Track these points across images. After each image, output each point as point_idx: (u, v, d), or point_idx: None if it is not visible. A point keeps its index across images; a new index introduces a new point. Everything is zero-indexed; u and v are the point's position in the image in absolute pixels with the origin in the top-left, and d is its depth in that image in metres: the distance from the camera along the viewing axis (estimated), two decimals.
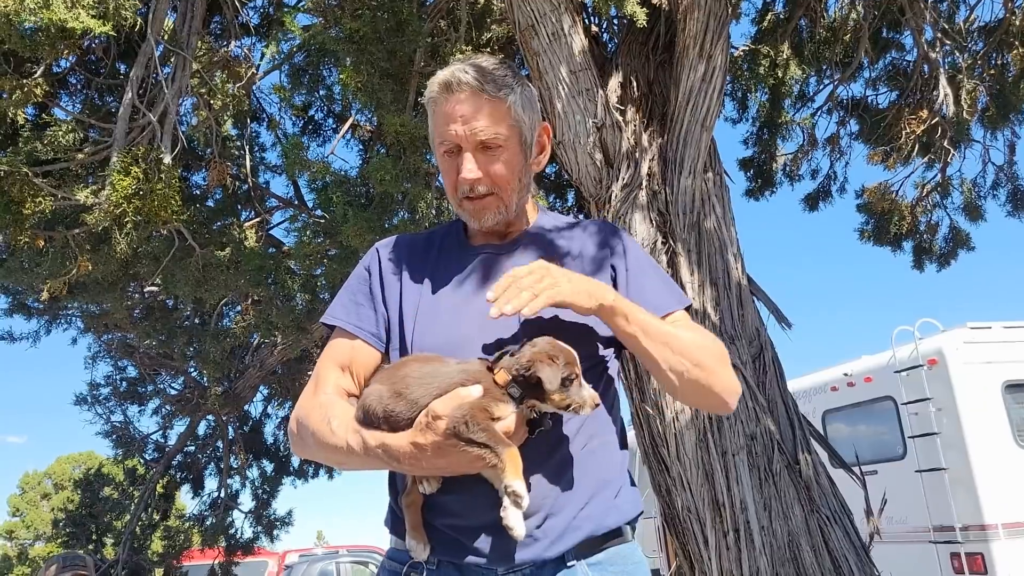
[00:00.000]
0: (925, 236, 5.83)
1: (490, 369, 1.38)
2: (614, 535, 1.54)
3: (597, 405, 1.42)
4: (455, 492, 1.48)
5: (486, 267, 1.60)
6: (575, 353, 1.41)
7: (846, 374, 9.87)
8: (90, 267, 3.81)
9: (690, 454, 3.00)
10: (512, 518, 1.35)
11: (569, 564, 1.48)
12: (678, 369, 1.47)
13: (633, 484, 1.61)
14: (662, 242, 3.28)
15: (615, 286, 1.56)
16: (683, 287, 3.22)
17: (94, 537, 5.90)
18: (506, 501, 1.35)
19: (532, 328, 1.45)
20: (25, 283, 4.17)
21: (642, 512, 1.61)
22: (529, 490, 1.36)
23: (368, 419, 1.43)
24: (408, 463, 1.39)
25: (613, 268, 1.60)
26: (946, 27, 5.35)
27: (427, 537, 1.53)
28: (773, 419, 3.01)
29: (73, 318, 5.51)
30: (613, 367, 1.64)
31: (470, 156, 1.51)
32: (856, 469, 3.20)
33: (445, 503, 1.51)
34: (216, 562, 6.43)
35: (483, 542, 1.47)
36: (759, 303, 3.43)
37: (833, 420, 9.73)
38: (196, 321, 5.81)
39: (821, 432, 9.00)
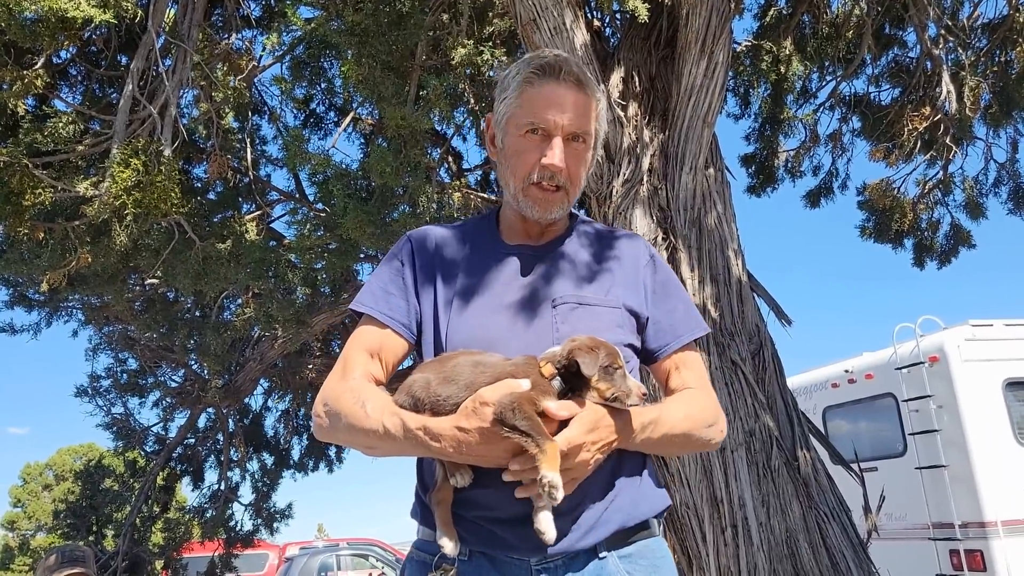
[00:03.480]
0: (926, 233, 5.83)
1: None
2: (642, 527, 1.56)
3: (644, 395, 1.44)
4: (487, 486, 1.48)
5: (520, 269, 1.60)
6: (616, 348, 1.43)
7: (847, 371, 9.87)
8: (90, 259, 3.80)
9: None
10: (544, 522, 1.37)
11: (601, 555, 1.50)
12: (672, 455, 1.57)
13: (658, 478, 1.63)
14: (663, 238, 3.28)
15: (643, 301, 1.60)
16: (683, 283, 3.22)
17: (94, 528, 5.91)
18: (538, 502, 1.37)
19: (565, 334, 1.46)
20: (25, 275, 4.17)
21: (670, 505, 1.61)
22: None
23: (414, 405, 1.42)
24: (449, 447, 1.37)
25: (644, 284, 1.62)
26: (949, 24, 5.33)
27: (459, 528, 1.52)
28: (772, 416, 3.01)
29: (74, 310, 5.51)
30: (635, 373, 1.66)
31: (560, 143, 1.51)
32: (855, 466, 3.20)
33: (477, 497, 1.51)
34: (216, 554, 6.45)
35: (516, 534, 1.47)
36: (759, 299, 3.43)
37: (834, 417, 9.74)
38: (197, 314, 5.82)
39: (821, 429, 9.00)
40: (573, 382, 1.36)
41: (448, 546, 1.49)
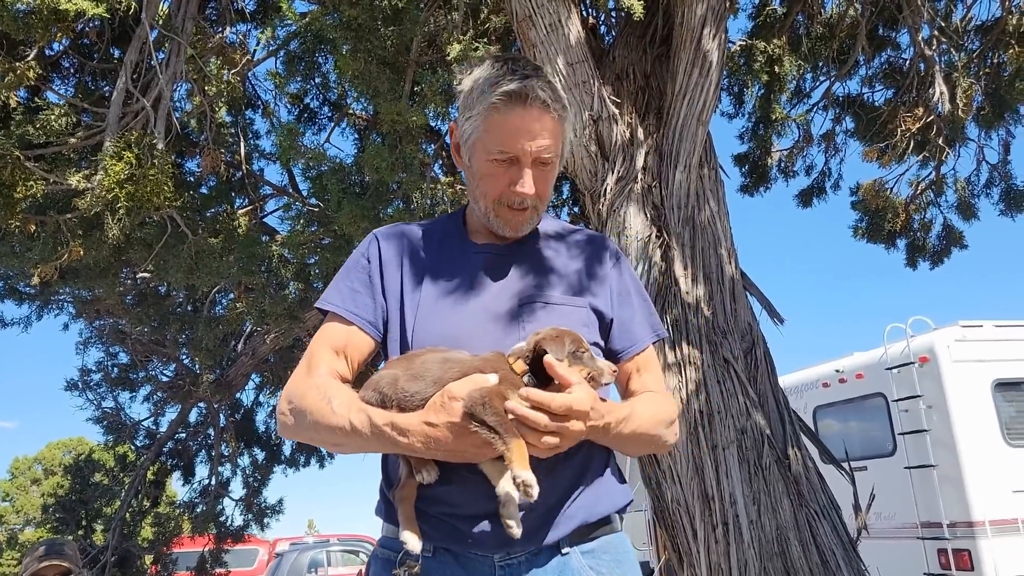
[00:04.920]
0: (919, 234, 5.86)
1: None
2: (604, 523, 1.58)
3: (615, 372, 1.46)
4: (452, 483, 1.49)
5: (487, 268, 1.61)
6: (579, 334, 1.44)
7: (838, 370, 9.92)
8: (82, 252, 3.78)
9: (681, 447, 3.01)
10: (512, 516, 1.38)
11: (564, 551, 1.51)
12: (631, 451, 1.61)
13: (622, 476, 1.65)
14: (656, 236, 3.28)
15: (608, 301, 1.62)
16: (676, 282, 3.22)
17: (84, 523, 5.89)
18: (504, 498, 1.38)
19: (531, 332, 1.46)
20: (16, 268, 4.14)
21: (631, 501, 1.65)
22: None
23: (381, 401, 1.42)
24: (417, 442, 1.38)
25: (610, 285, 1.64)
26: (943, 25, 5.36)
27: (424, 525, 1.54)
28: (763, 414, 3.02)
29: (65, 304, 5.48)
30: None
31: (530, 172, 1.51)
32: (845, 465, 3.22)
33: (441, 493, 1.52)
34: (206, 549, 6.43)
35: (480, 530, 1.49)
36: (752, 298, 3.44)
37: (824, 416, 9.79)
38: (188, 308, 5.80)
39: (812, 428, 9.03)
40: (543, 375, 1.36)
41: (411, 542, 1.49)
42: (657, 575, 13.50)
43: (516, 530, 1.42)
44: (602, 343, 1.66)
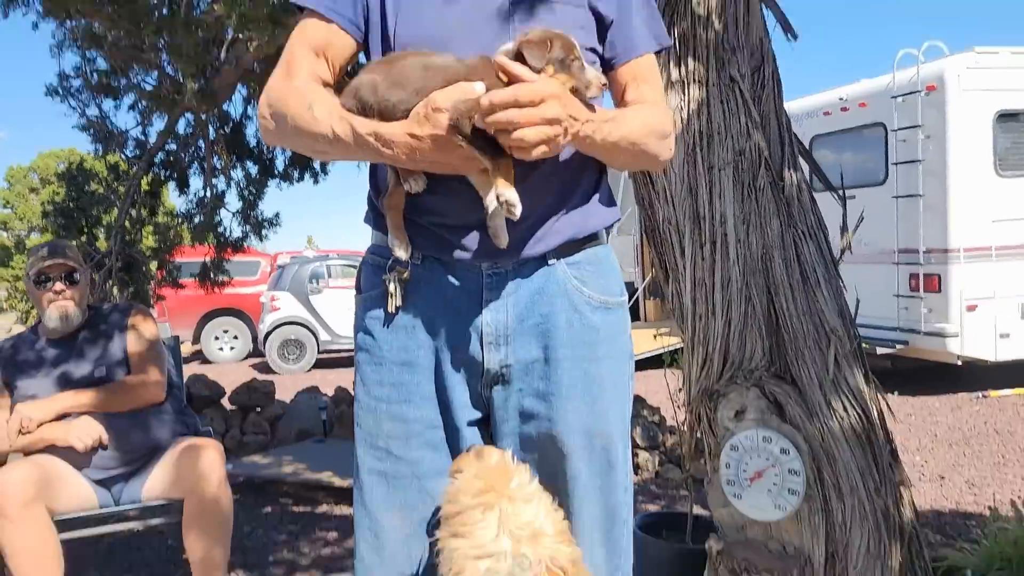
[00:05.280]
0: None
1: None
2: (591, 239, 1.61)
3: (604, 85, 1.39)
4: (439, 193, 1.48)
5: None
6: (573, 39, 1.34)
7: (841, 98, 9.70)
8: None
9: (676, 168, 2.98)
10: (498, 228, 1.40)
11: (550, 262, 1.55)
12: (621, 164, 1.58)
13: (612, 198, 1.66)
14: None
15: (610, 1, 1.52)
16: None
17: (85, 229, 6.01)
18: (492, 209, 1.38)
19: (523, 31, 1.37)
20: None
21: (620, 219, 1.66)
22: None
23: (361, 109, 1.39)
24: (401, 153, 1.35)
25: None
26: None
27: (413, 233, 1.56)
28: (764, 135, 2.94)
29: (32, 0, 5.10)
30: None
31: None
32: (838, 191, 3.22)
33: (429, 203, 1.52)
34: (208, 259, 6.64)
35: (468, 239, 1.51)
36: (767, 11, 3.20)
37: (820, 146, 9.74)
38: (164, 11, 5.42)
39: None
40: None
41: (399, 250, 1.52)
42: (640, 293, 14.29)
43: (502, 240, 1.43)
44: (600, 49, 1.56)
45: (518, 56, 1.29)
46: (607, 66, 1.57)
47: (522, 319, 1.51)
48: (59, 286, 3.30)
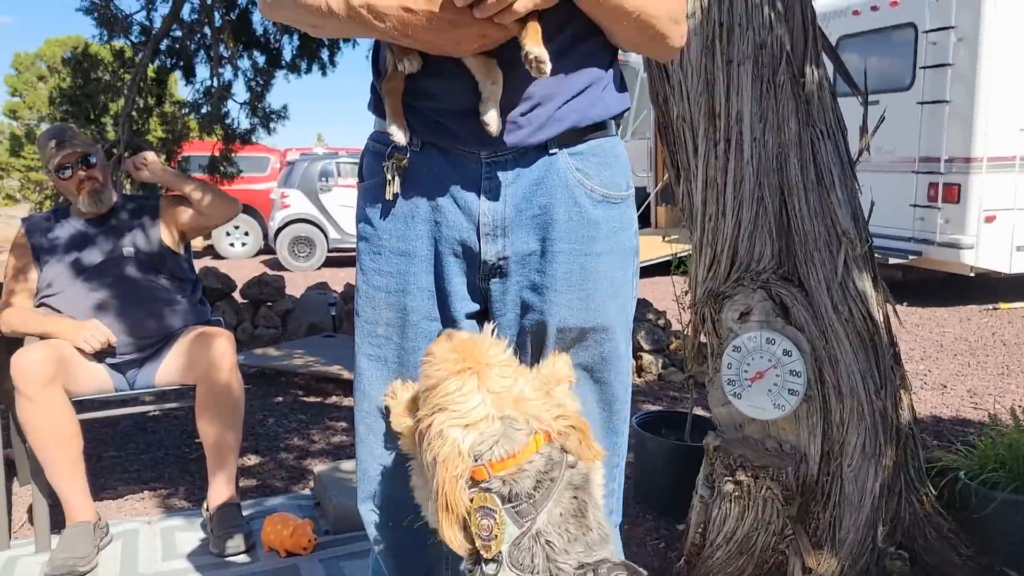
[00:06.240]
0: None
1: None
2: (597, 128, 1.56)
3: None
4: (435, 76, 1.44)
5: None
6: None
7: None
8: None
9: (694, 62, 2.87)
10: (489, 113, 1.37)
11: (551, 152, 1.51)
12: (627, 36, 1.45)
13: (623, 84, 1.59)
14: None
15: None
16: None
17: (92, 116, 5.94)
18: (484, 95, 1.35)
19: None
20: None
21: (628, 108, 1.61)
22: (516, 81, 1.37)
23: None
24: (393, 28, 1.30)
25: None
26: None
27: (411, 119, 1.52)
28: (787, 28, 2.82)
29: None
30: None
31: None
32: (863, 92, 3.11)
33: (426, 87, 1.48)
34: (216, 152, 6.58)
35: (464, 126, 1.47)
36: None
37: (846, 49, 9.40)
38: None
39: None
40: None
41: (397, 135, 1.49)
42: (652, 199, 14.14)
43: (494, 127, 1.39)
44: None
45: None
46: None
47: (520, 210, 1.49)
48: (81, 173, 3.34)
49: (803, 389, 2.53)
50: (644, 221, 13.48)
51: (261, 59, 6.40)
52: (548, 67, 1.27)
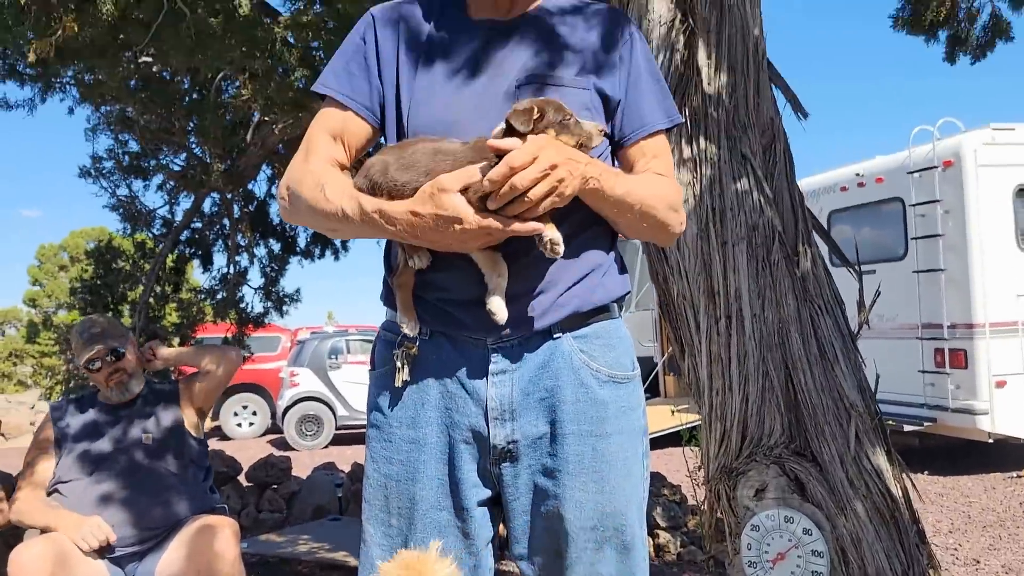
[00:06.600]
0: (963, 24, 5.46)
1: None
2: (600, 311, 1.60)
3: (603, 131, 1.43)
4: (446, 270, 1.52)
5: (486, 46, 1.53)
6: (562, 102, 1.39)
7: (858, 174, 9.75)
8: (76, 28, 3.61)
9: (690, 243, 3.00)
10: (495, 304, 1.42)
11: (555, 336, 1.55)
12: (629, 226, 1.54)
13: (623, 267, 1.66)
14: (680, 20, 3.07)
15: (617, 84, 1.55)
16: (698, 71, 3.06)
17: (110, 306, 6.12)
18: (490, 287, 1.42)
19: None
20: (10, 44, 3.98)
21: (629, 292, 1.67)
22: (520, 271, 1.44)
23: (371, 188, 1.45)
24: (403, 230, 1.39)
25: (620, 65, 1.57)
26: None
27: (421, 310, 1.58)
28: (777, 211, 2.97)
29: (68, 87, 5.34)
30: (606, 154, 1.63)
31: None
32: (855, 266, 3.21)
33: (435, 279, 1.55)
34: (229, 335, 6.71)
35: (471, 315, 1.53)
36: (777, 91, 3.27)
37: (839, 221, 9.75)
38: (194, 95, 5.65)
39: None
40: None
41: (406, 327, 1.55)
42: (660, 369, 14.15)
43: (500, 317, 1.45)
44: (607, 128, 1.60)
45: (508, 128, 1.34)
46: (618, 145, 1.60)
47: (527, 393, 1.51)
48: (108, 368, 3.39)
49: (827, 571, 2.43)
50: (652, 390, 13.39)
51: (276, 246, 6.69)
52: (562, 248, 1.36)
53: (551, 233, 1.35)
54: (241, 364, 3.69)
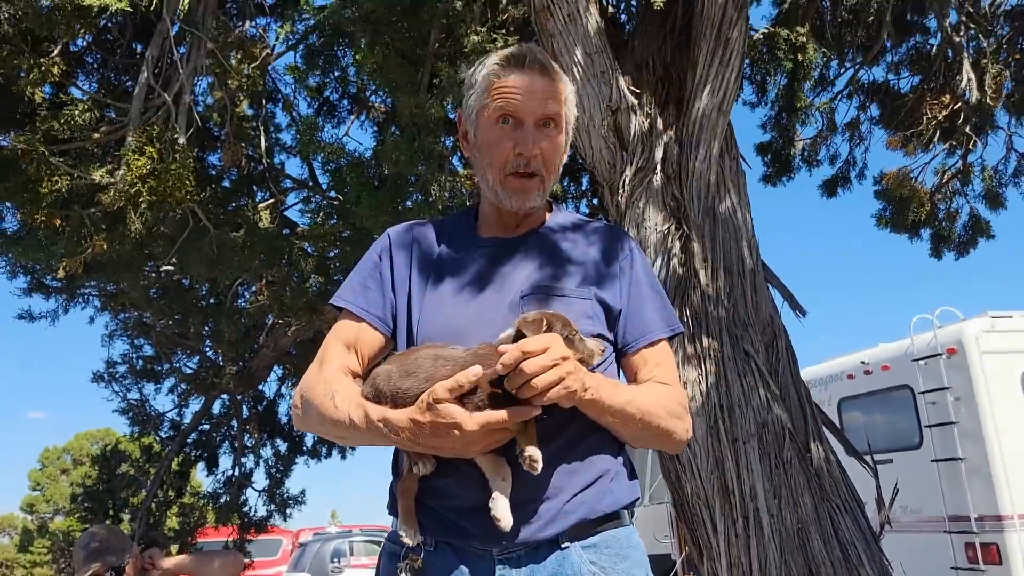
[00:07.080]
0: (944, 223, 5.75)
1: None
2: (608, 519, 1.56)
3: (604, 349, 1.46)
4: (449, 476, 1.51)
5: (492, 261, 1.62)
6: (567, 316, 1.44)
7: (863, 362, 9.80)
8: (105, 246, 3.83)
9: (700, 441, 2.99)
10: (500, 508, 1.39)
11: (563, 546, 1.50)
12: (633, 435, 1.54)
13: (632, 473, 1.64)
14: (675, 228, 3.25)
15: (617, 294, 1.61)
16: (696, 274, 3.20)
17: (111, 512, 5.98)
18: (495, 491, 1.39)
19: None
20: (42, 262, 4.20)
21: (639, 499, 1.63)
22: (526, 477, 1.40)
23: (376, 396, 1.46)
24: (407, 438, 1.41)
25: (621, 277, 1.64)
26: (971, 11, 5.25)
27: (425, 518, 1.55)
28: (784, 408, 2.98)
29: (90, 297, 5.55)
30: (611, 360, 1.66)
31: (532, 129, 1.53)
32: (868, 458, 3.18)
33: (440, 486, 1.54)
34: (230, 539, 6.50)
35: (476, 523, 1.49)
36: (773, 290, 3.40)
37: (849, 408, 9.68)
38: (211, 301, 5.85)
39: (836, 420, 8.91)
40: None
41: (407, 536, 1.51)
42: (679, 568, 13.46)
43: (504, 522, 1.42)
44: (610, 336, 1.65)
45: (518, 335, 1.40)
46: (621, 352, 1.65)
47: None
48: None
49: None
50: None
51: (283, 446, 6.63)
52: (540, 466, 1.35)
53: (531, 450, 1.36)
54: (243, 571, 3.57)
